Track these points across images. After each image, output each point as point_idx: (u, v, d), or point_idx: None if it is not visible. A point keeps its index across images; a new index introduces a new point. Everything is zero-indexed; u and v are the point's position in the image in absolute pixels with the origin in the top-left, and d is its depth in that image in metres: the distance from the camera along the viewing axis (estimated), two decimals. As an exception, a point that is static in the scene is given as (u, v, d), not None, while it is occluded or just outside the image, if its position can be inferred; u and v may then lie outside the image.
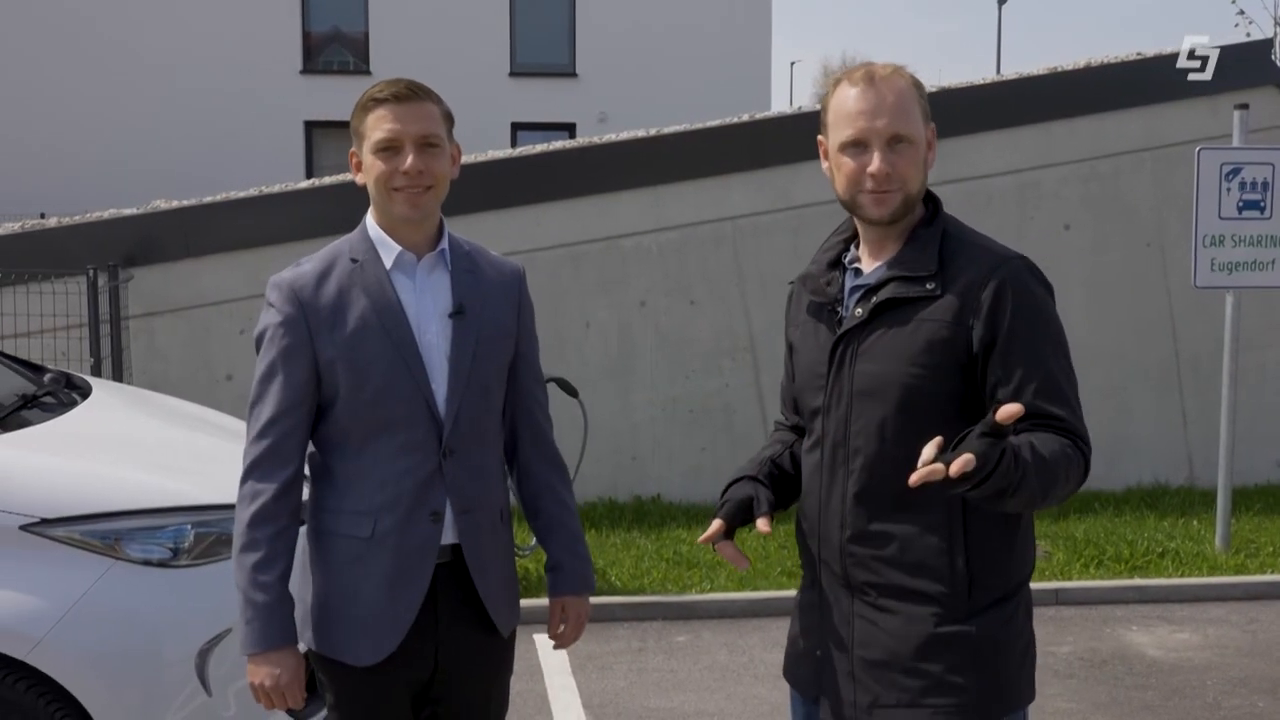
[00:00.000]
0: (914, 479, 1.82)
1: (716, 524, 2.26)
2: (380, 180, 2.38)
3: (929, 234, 2.13)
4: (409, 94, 2.38)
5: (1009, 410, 1.80)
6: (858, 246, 2.22)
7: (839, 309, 2.18)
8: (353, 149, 2.46)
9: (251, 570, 2.35)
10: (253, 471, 2.38)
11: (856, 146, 2.10)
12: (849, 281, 2.19)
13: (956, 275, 2.07)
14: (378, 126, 2.37)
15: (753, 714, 4.68)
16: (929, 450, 1.83)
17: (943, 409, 2.06)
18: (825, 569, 2.19)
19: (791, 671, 2.31)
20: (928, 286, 2.07)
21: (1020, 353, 2.04)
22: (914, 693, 2.07)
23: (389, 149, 2.36)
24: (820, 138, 2.21)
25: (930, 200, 2.18)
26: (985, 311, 2.04)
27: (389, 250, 2.42)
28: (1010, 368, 2.04)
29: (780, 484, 2.35)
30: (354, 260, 2.42)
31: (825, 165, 2.19)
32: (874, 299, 2.11)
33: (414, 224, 2.42)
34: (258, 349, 2.42)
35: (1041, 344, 2.05)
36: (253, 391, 2.41)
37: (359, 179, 2.46)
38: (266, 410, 2.37)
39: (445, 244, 2.47)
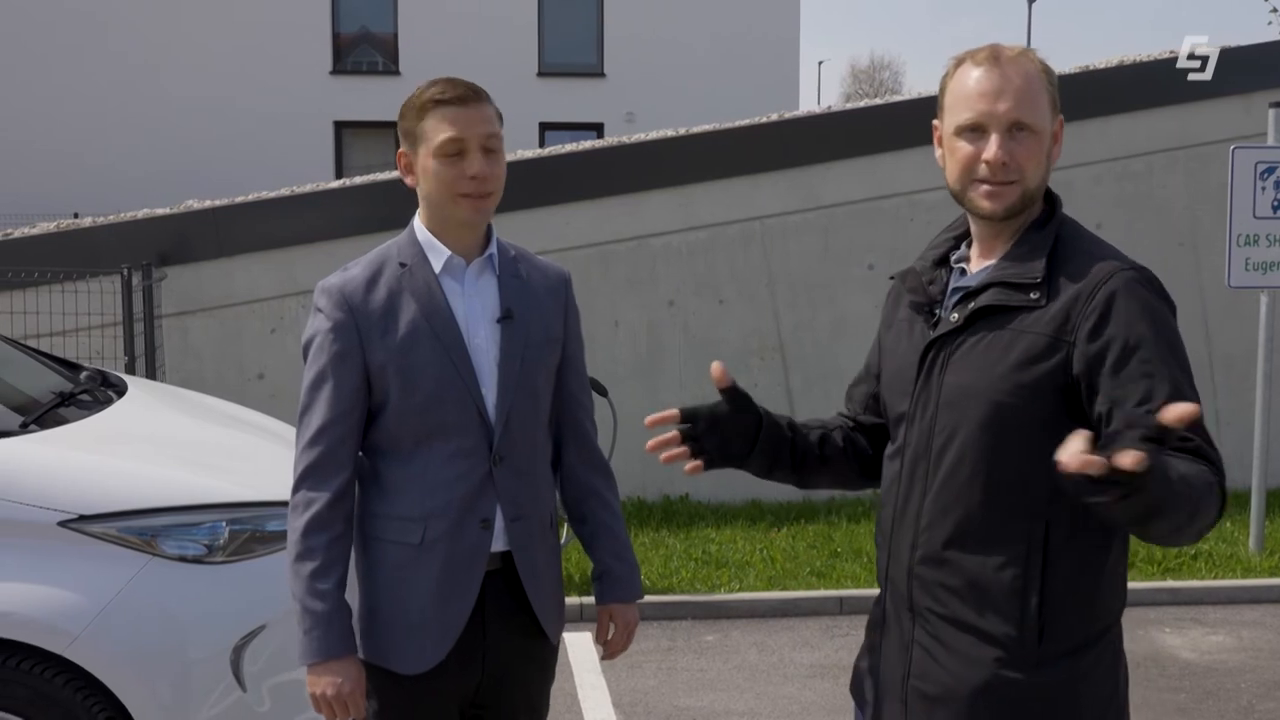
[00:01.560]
0: (1068, 462, 1.52)
1: (673, 412, 2.09)
2: (445, 185, 2.33)
3: (1041, 237, 1.95)
4: (472, 96, 2.34)
5: (1180, 411, 1.53)
6: (969, 245, 2.07)
7: (938, 310, 2.03)
8: (402, 150, 2.39)
9: (309, 579, 2.32)
10: (305, 479, 2.36)
11: (974, 131, 1.93)
12: (953, 282, 2.04)
13: (1064, 286, 1.89)
14: (440, 129, 2.31)
15: (782, 713, 4.68)
16: (1078, 441, 1.54)
17: (1033, 433, 1.87)
18: (892, 587, 2.06)
19: (854, 687, 2.21)
20: (1031, 295, 1.89)
21: (1141, 367, 1.82)
22: None
23: (454, 153, 2.32)
24: (935, 121, 2.04)
25: (1050, 199, 2.02)
26: (1091, 327, 1.85)
27: (438, 254, 2.40)
28: (1129, 384, 1.81)
29: (789, 444, 2.18)
30: (402, 264, 2.39)
31: (938, 152, 2.03)
32: (971, 304, 1.95)
33: (472, 228, 2.39)
34: (305, 356, 2.39)
35: (1166, 357, 1.83)
36: (302, 399, 2.38)
37: (409, 181, 2.41)
38: (317, 418, 2.35)
39: (494, 248, 2.45)
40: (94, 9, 19.52)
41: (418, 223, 2.45)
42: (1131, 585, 5.95)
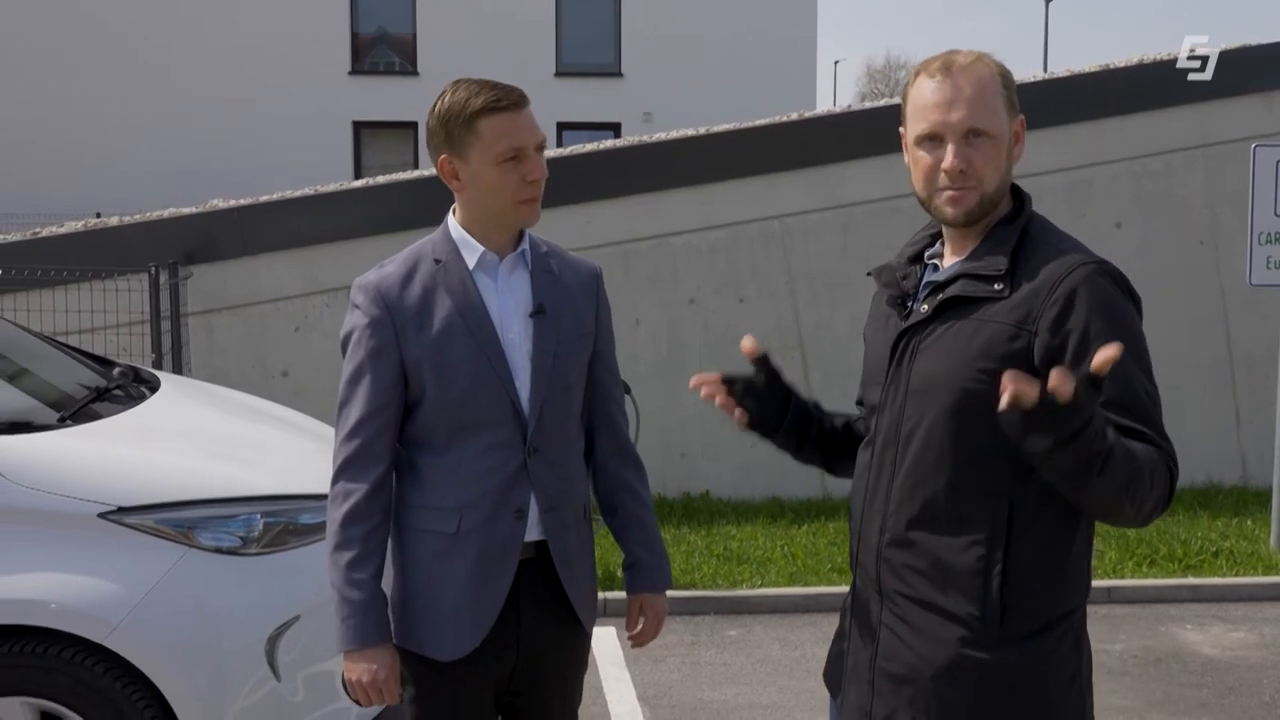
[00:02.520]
0: (1003, 403, 1.69)
1: (714, 375, 2.18)
2: (507, 192, 2.36)
3: (1008, 232, 2.02)
4: (524, 99, 2.37)
5: (1106, 354, 1.67)
6: (943, 243, 2.14)
7: (910, 303, 2.11)
8: (444, 155, 2.39)
9: (346, 568, 2.37)
10: (344, 471, 2.41)
11: (932, 141, 2.01)
12: (926, 277, 2.12)
13: (1028, 278, 1.95)
14: (500, 138, 2.33)
15: (805, 707, 4.72)
16: (1010, 380, 1.68)
17: (996, 420, 1.87)
18: (861, 571, 2.12)
19: (827, 671, 2.27)
20: (995, 287, 1.96)
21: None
22: (930, 715, 1.99)
23: (515, 158, 2.35)
24: (901, 129, 2.12)
25: (1018, 196, 2.09)
26: (1052, 319, 1.91)
27: (472, 251, 2.44)
28: None
29: (817, 423, 2.28)
30: (437, 261, 2.43)
31: (906, 159, 2.11)
32: (939, 296, 2.03)
33: (524, 228, 2.45)
34: (344, 351, 2.44)
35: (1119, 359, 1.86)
36: (341, 393, 2.43)
37: (454, 186, 2.42)
38: (355, 411, 2.39)
39: (525, 245, 2.49)
40: (116, 14, 19.67)
41: (452, 220, 2.49)
42: (1152, 582, 6.04)
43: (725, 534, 6.89)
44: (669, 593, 6.01)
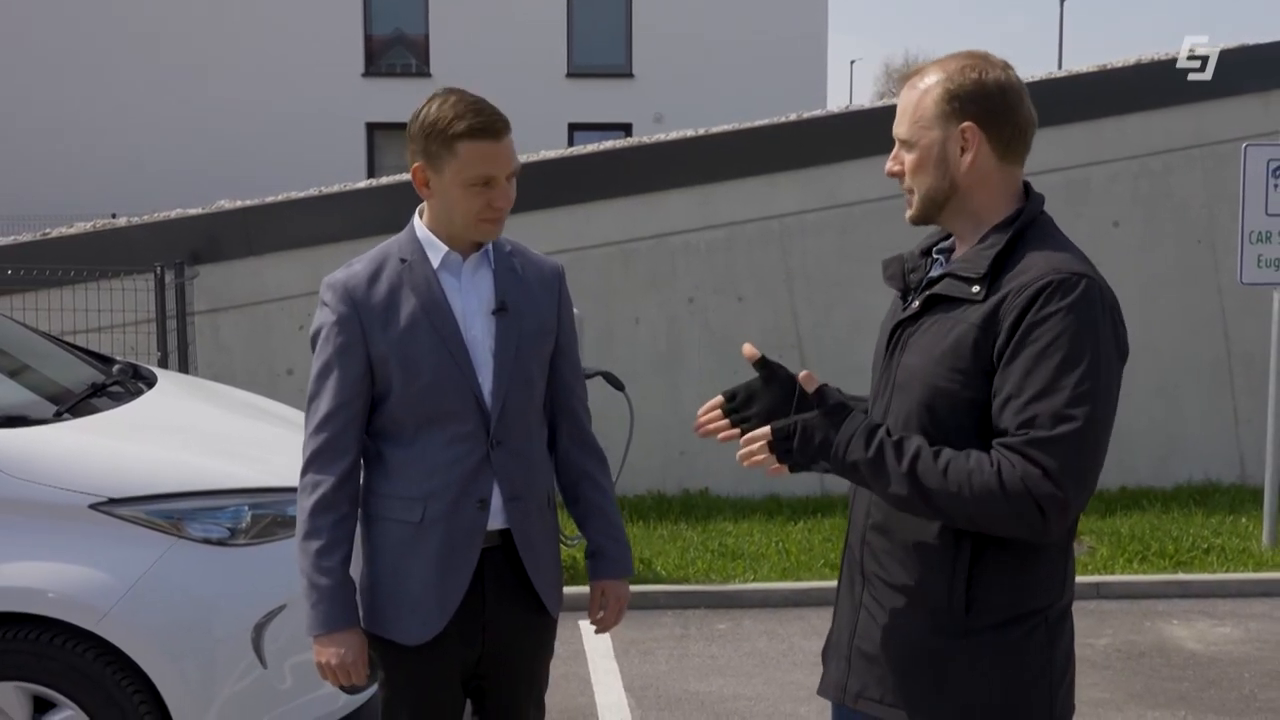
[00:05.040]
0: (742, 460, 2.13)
1: (715, 400, 2.25)
2: (471, 212, 2.45)
3: (1000, 236, 2.06)
4: (504, 127, 2.44)
5: (807, 376, 2.08)
6: (955, 238, 2.21)
7: (911, 296, 2.19)
8: (418, 164, 2.46)
9: (315, 556, 2.48)
10: (313, 463, 2.52)
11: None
12: (931, 271, 2.19)
13: (1005, 283, 2.00)
14: (473, 164, 2.41)
15: (790, 699, 4.79)
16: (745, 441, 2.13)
17: (965, 416, 2.01)
18: (849, 554, 2.22)
19: (824, 652, 2.35)
20: (973, 290, 2.02)
21: (1025, 363, 1.94)
22: (896, 694, 2.07)
23: (486, 184, 2.44)
24: None
25: (1028, 197, 2.13)
26: (1010, 322, 1.96)
27: (436, 251, 2.53)
28: (1010, 376, 1.95)
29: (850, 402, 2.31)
30: (403, 260, 2.53)
31: None
32: (926, 292, 2.11)
33: (487, 241, 2.55)
34: (313, 347, 2.54)
35: (1056, 358, 1.92)
36: (310, 387, 2.53)
37: (424, 193, 2.50)
38: (324, 405, 2.50)
39: (489, 244, 2.58)
40: (130, 15, 19.88)
41: (418, 221, 2.59)
42: (1141, 578, 6.09)
43: (721, 530, 6.97)
44: (662, 587, 6.08)
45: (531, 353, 2.59)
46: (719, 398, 2.26)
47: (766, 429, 2.08)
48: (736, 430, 2.24)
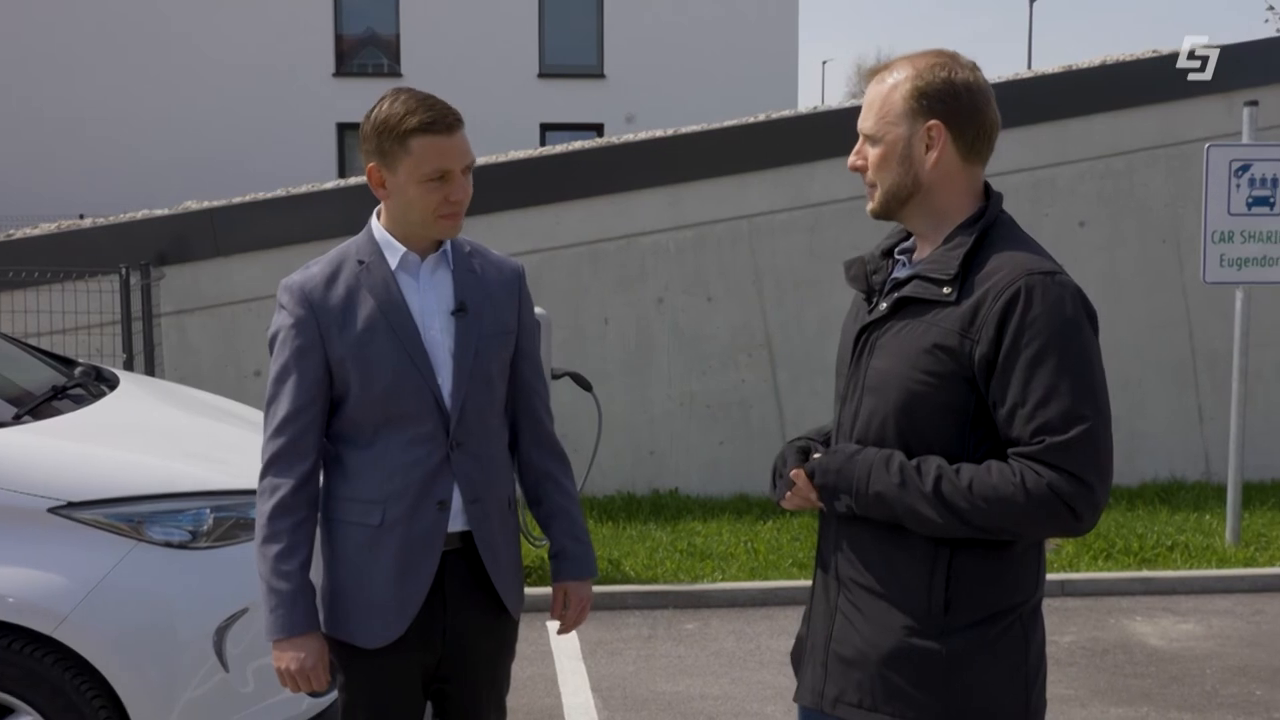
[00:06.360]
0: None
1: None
2: (428, 208, 2.45)
3: (965, 236, 2.06)
4: (456, 122, 2.44)
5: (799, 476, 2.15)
6: (916, 239, 2.20)
7: (875, 298, 2.17)
8: (373, 163, 2.47)
9: (274, 560, 2.46)
10: (271, 466, 2.50)
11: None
12: (895, 273, 2.18)
13: (978, 284, 2.00)
14: (428, 159, 2.41)
15: (757, 699, 4.81)
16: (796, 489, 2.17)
17: (942, 419, 2.03)
18: (822, 557, 2.22)
19: (793, 653, 2.36)
20: (944, 291, 2.02)
21: (1024, 372, 1.95)
22: (876, 697, 2.07)
23: (441, 179, 2.44)
24: None
25: (988, 196, 2.13)
26: (993, 326, 1.97)
27: (394, 252, 2.52)
28: (1011, 386, 1.96)
29: None
30: (360, 262, 2.52)
31: None
32: (895, 295, 2.10)
33: (447, 238, 2.54)
34: (271, 350, 2.53)
35: (1054, 363, 1.94)
36: (268, 390, 2.52)
37: (380, 193, 2.50)
38: (282, 408, 2.48)
39: (447, 245, 2.58)
40: (98, 13, 19.72)
41: (375, 223, 2.58)
42: (1106, 575, 6.14)
43: (690, 530, 6.98)
44: (630, 587, 6.08)
45: (491, 354, 2.58)
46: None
47: (798, 470, 2.16)
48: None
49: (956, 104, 2.07)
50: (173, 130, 19.74)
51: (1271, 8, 15.69)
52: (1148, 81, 8.23)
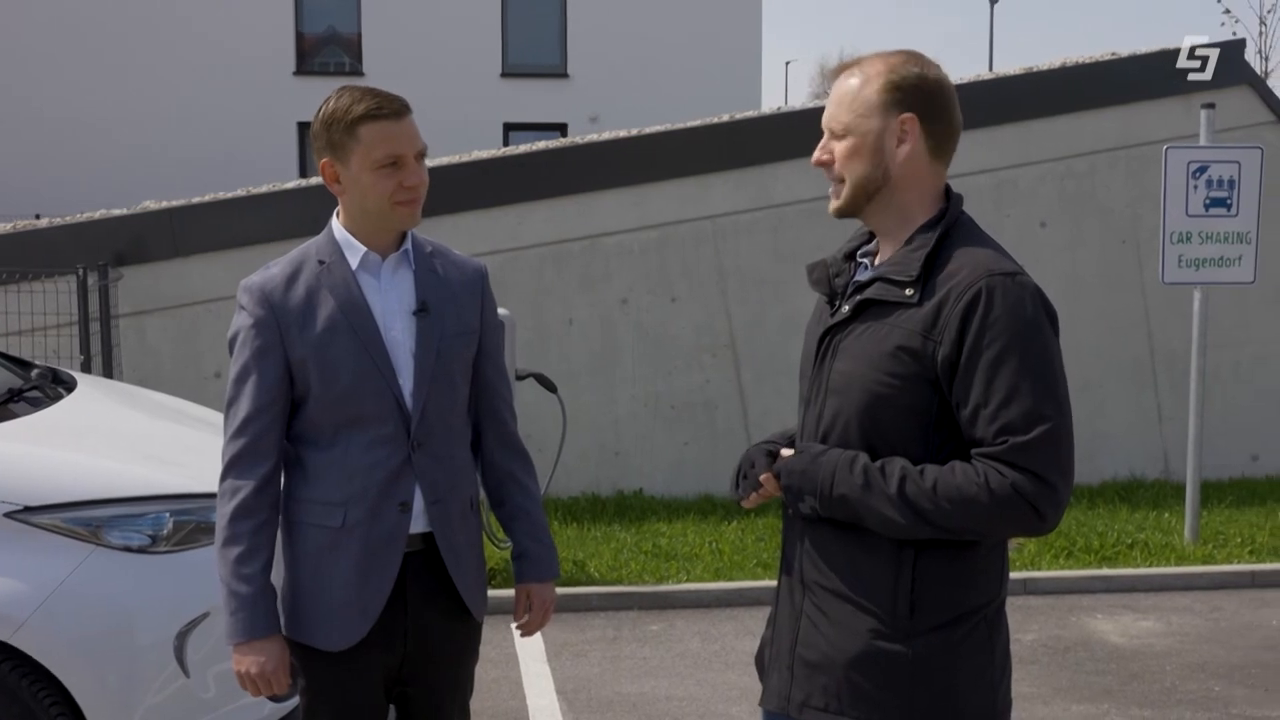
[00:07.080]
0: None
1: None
2: (383, 196, 2.44)
3: (927, 237, 2.06)
4: (406, 109, 2.45)
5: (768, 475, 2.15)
6: (878, 241, 2.19)
7: (838, 301, 2.17)
8: (326, 159, 2.47)
9: (234, 563, 2.44)
10: (232, 468, 2.48)
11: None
12: (857, 275, 2.17)
13: (939, 285, 2.01)
14: (378, 145, 2.41)
15: (722, 699, 4.81)
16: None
17: (906, 421, 2.02)
18: (786, 562, 2.21)
19: (758, 656, 2.35)
20: (906, 293, 2.02)
21: (985, 372, 1.95)
22: (842, 701, 2.06)
23: (394, 165, 2.43)
24: None
25: (947, 198, 2.13)
26: (955, 328, 1.97)
27: (355, 251, 2.51)
28: (973, 386, 1.96)
29: None
30: (321, 262, 2.51)
31: None
32: (858, 297, 2.09)
33: (405, 229, 2.52)
34: (231, 351, 2.51)
35: (1014, 364, 1.94)
36: (228, 391, 2.49)
37: (336, 189, 2.50)
38: (242, 409, 2.46)
39: (409, 244, 2.56)
40: (60, 12, 19.47)
41: (336, 223, 2.56)
42: (1066, 574, 6.19)
43: (655, 531, 6.98)
44: (595, 588, 6.07)
45: (453, 354, 2.56)
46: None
47: (768, 474, 2.16)
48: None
49: (929, 99, 2.08)
50: (131, 128, 19.52)
51: (1227, 11, 15.88)
52: (1108, 83, 8.31)
